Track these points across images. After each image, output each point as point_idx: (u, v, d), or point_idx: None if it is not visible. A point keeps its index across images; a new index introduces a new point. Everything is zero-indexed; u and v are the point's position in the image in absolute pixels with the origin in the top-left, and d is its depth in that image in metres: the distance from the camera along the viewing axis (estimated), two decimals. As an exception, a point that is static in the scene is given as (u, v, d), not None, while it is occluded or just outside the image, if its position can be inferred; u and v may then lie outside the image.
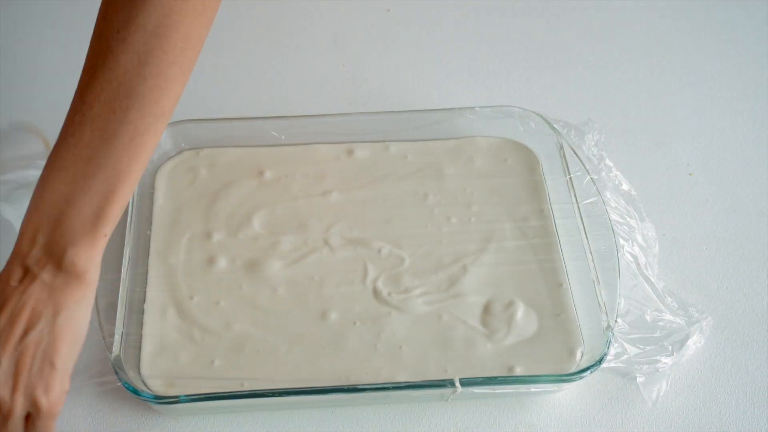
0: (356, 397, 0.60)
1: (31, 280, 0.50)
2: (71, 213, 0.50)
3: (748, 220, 0.74)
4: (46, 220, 0.50)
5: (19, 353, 0.50)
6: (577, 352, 0.63)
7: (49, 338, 0.50)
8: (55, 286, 0.51)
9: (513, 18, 0.93)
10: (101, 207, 0.51)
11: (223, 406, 0.60)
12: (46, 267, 0.50)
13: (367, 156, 0.75)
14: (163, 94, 0.51)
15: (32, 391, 0.50)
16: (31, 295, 0.50)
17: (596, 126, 0.74)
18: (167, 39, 0.50)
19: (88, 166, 0.50)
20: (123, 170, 0.51)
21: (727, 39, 0.91)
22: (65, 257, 0.50)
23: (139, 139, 0.51)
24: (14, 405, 0.50)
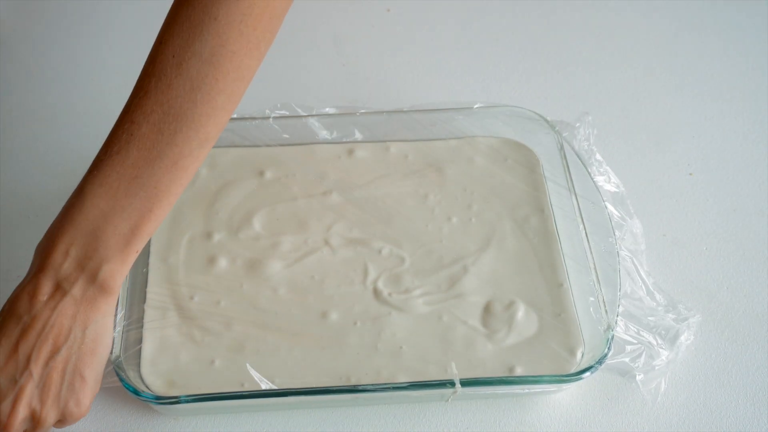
0: (356, 397, 0.60)
1: (61, 295, 0.51)
2: (108, 229, 0.51)
3: (748, 220, 0.74)
4: (82, 234, 0.51)
5: (50, 369, 0.51)
6: (577, 352, 0.63)
7: (78, 353, 0.52)
8: (85, 300, 0.52)
9: (513, 18, 0.93)
10: (138, 225, 0.52)
11: (223, 406, 0.60)
12: (77, 282, 0.52)
13: (367, 156, 0.75)
14: (210, 121, 0.52)
15: (65, 404, 0.53)
16: (61, 312, 0.51)
17: (588, 120, 0.74)
18: (220, 68, 0.52)
19: (130, 184, 0.51)
20: (163, 190, 0.52)
21: (727, 39, 0.91)
22: (100, 273, 0.52)
23: (182, 162, 0.52)
24: (46, 417, 0.52)
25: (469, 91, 0.85)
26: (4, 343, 0.51)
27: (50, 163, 0.76)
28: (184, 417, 0.62)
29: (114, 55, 0.88)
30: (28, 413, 0.52)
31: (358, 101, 0.81)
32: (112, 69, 0.86)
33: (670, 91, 0.85)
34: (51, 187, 0.74)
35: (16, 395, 0.51)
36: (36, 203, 0.73)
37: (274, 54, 0.69)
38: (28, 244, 0.70)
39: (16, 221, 0.72)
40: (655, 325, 0.63)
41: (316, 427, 0.61)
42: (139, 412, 0.62)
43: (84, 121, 0.80)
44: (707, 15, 0.93)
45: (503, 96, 0.84)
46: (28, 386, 0.51)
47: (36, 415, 0.52)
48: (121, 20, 0.91)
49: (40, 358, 0.51)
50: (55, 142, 0.76)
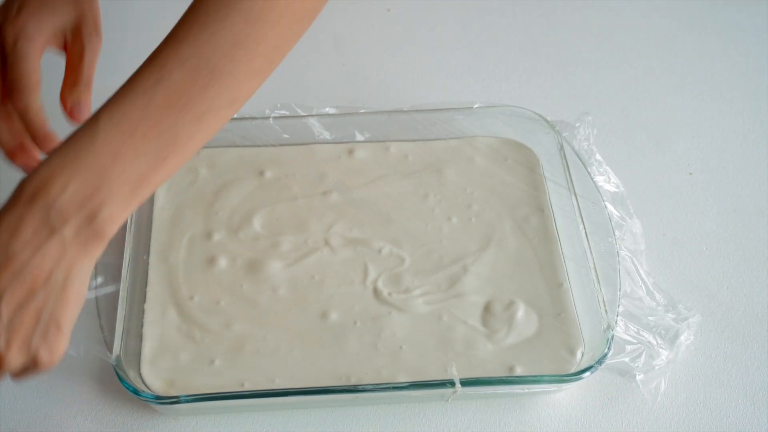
0: (356, 397, 0.60)
1: (48, 234, 0.46)
2: (117, 170, 0.47)
3: (748, 220, 0.74)
4: (87, 170, 0.46)
5: (22, 312, 0.46)
6: (577, 352, 0.63)
7: (57, 300, 0.47)
8: (75, 242, 0.47)
9: (513, 18, 0.93)
10: (148, 173, 0.48)
11: (223, 406, 0.60)
12: (70, 221, 0.46)
13: (367, 156, 0.75)
14: (244, 83, 0.51)
15: (36, 351, 0.47)
16: (45, 253, 0.46)
17: (588, 119, 0.74)
18: (263, 31, 0.50)
19: (150, 129, 0.48)
20: (181, 143, 0.49)
21: (727, 39, 0.91)
22: (99, 215, 0.47)
23: (207, 118, 0.50)
24: (9, 362, 0.47)
25: (469, 91, 0.85)
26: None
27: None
28: (184, 417, 0.62)
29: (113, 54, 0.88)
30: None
31: (358, 101, 0.81)
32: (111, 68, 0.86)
33: (670, 91, 0.85)
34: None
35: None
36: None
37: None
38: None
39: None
40: (655, 324, 0.63)
41: (316, 427, 0.61)
42: (139, 412, 0.62)
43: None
44: (707, 15, 0.93)
45: (503, 96, 0.84)
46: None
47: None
48: (120, 20, 0.91)
49: (13, 299, 0.46)
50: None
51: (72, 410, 0.62)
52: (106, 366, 0.62)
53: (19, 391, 0.62)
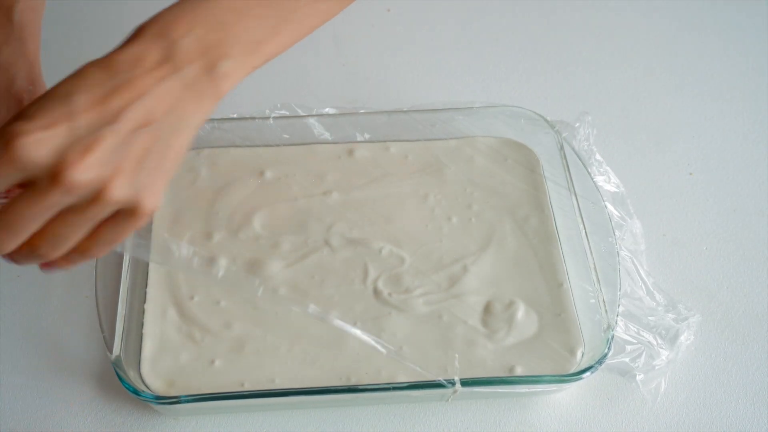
0: (356, 397, 0.60)
1: (171, 70, 0.43)
2: (240, 27, 0.46)
3: (748, 220, 0.74)
4: (212, 19, 0.45)
5: (137, 137, 0.42)
6: (577, 352, 0.63)
7: (168, 139, 0.43)
8: (194, 88, 0.44)
9: (513, 18, 0.93)
10: (264, 39, 0.48)
11: (223, 406, 0.60)
12: (193, 64, 0.44)
13: (367, 156, 0.75)
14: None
15: (140, 187, 0.43)
16: (166, 86, 0.43)
17: (588, 119, 0.74)
18: None
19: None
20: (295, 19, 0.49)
21: (727, 39, 0.91)
22: (219, 65, 0.45)
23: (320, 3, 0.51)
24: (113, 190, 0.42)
25: (469, 91, 0.85)
26: (92, 88, 0.42)
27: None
28: (184, 417, 0.62)
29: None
30: (98, 175, 0.41)
31: (358, 101, 0.81)
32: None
33: (670, 91, 0.85)
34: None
35: (90, 143, 0.40)
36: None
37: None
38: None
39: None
40: (655, 324, 0.63)
41: (316, 427, 0.61)
42: (139, 412, 0.62)
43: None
44: (707, 15, 0.93)
45: (503, 96, 0.84)
46: (107, 141, 0.41)
47: (103, 183, 0.41)
48: (119, 21, 0.91)
49: (130, 119, 0.41)
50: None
51: (72, 410, 0.62)
52: (106, 366, 0.62)
53: (19, 391, 0.62)
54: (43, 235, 0.43)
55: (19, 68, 0.51)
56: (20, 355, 0.64)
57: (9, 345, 0.65)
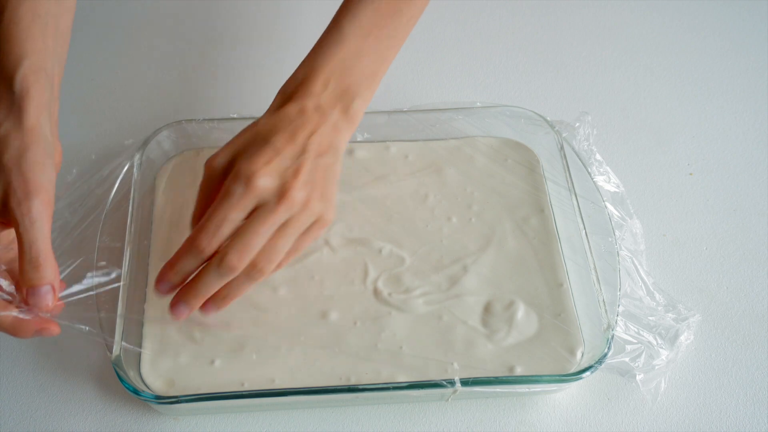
0: (356, 397, 0.60)
1: (323, 117, 0.57)
2: (359, 67, 0.59)
3: (748, 220, 0.74)
4: (340, 68, 0.58)
5: (318, 164, 0.56)
6: (577, 352, 0.63)
7: (333, 167, 0.57)
8: (338, 127, 0.57)
9: (513, 18, 0.93)
10: (378, 67, 0.60)
11: (223, 406, 0.60)
12: (334, 110, 0.58)
13: (367, 156, 0.75)
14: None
15: (325, 203, 0.56)
16: (324, 130, 0.57)
17: (588, 119, 0.74)
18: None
19: (379, 31, 0.59)
20: (396, 43, 0.61)
21: (727, 39, 0.91)
22: (353, 105, 0.58)
23: (411, 22, 0.62)
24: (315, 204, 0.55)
25: (469, 91, 0.85)
26: (282, 132, 0.56)
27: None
28: (184, 417, 0.62)
29: (112, 55, 0.88)
30: (305, 194, 0.55)
31: (358, 101, 0.81)
32: (110, 69, 0.86)
33: (670, 91, 0.85)
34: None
35: (298, 167, 0.55)
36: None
37: (274, 54, 0.69)
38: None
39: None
40: (655, 324, 0.63)
41: (316, 426, 0.61)
42: (139, 412, 0.62)
43: (83, 120, 0.80)
44: (707, 15, 0.93)
45: (503, 96, 0.84)
46: (306, 165, 0.55)
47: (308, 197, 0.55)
48: (119, 20, 0.91)
49: (312, 149, 0.55)
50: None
51: (72, 410, 0.62)
52: (106, 366, 0.62)
53: (19, 391, 0.62)
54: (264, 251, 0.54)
55: (12, 141, 0.53)
56: (20, 355, 0.64)
57: (9, 345, 0.65)
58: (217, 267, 0.54)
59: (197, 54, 0.88)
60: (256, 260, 0.54)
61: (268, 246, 0.54)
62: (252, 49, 0.88)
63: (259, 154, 0.54)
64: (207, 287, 0.55)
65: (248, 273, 0.55)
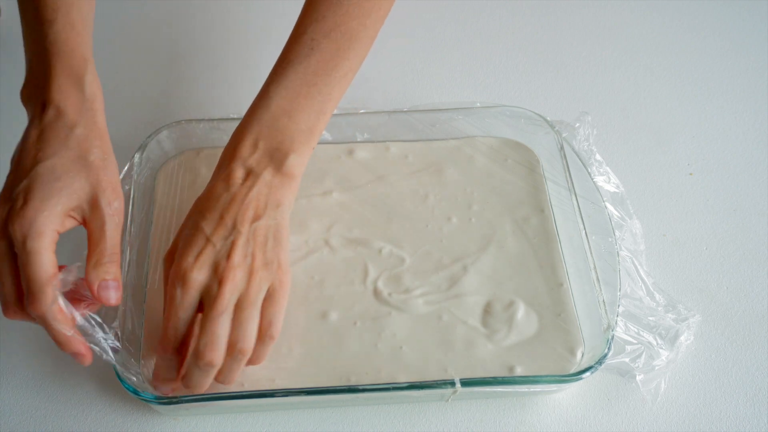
0: (356, 397, 0.60)
1: (254, 179, 0.57)
2: (292, 125, 0.59)
3: (748, 220, 0.74)
4: (269, 129, 0.58)
5: (255, 229, 0.56)
6: (577, 352, 0.63)
7: (275, 225, 0.57)
8: (274, 185, 0.58)
9: (513, 18, 0.93)
10: (314, 124, 0.60)
11: (223, 406, 0.60)
12: (267, 169, 0.58)
13: (367, 156, 0.75)
14: (369, 45, 0.62)
15: (271, 267, 0.56)
16: (257, 190, 0.57)
17: (588, 119, 0.74)
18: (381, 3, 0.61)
19: (310, 89, 0.59)
20: (333, 97, 0.60)
21: (727, 39, 0.91)
22: (287, 161, 0.58)
23: (350, 75, 0.61)
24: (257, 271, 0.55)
25: (469, 91, 0.85)
26: (210, 215, 0.57)
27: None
28: (184, 417, 0.62)
29: (112, 55, 0.88)
30: (245, 270, 0.55)
31: (358, 101, 0.81)
32: (110, 69, 0.86)
33: (670, 91, 0.85)
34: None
35: (230, 248, 0.55)
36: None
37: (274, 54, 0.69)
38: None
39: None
40: (655, 325, 0.63)
41: (316, 426, 0.61)
42: (139, 412, 0.62)
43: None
44: (707, 15, 0.93)
45: (503, 96, 0.84)
46: (240, 241, 0.55)
47: (250, 270, 0.55)
48: (119, 21, 0.91)
49: (245, 221, 0.56)
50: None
51: (72, 410, 0.62)
52: (106, 366, 0.62)
53: (19, 391, 0.62)
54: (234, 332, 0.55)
55: (94, 140, 0.57)
56: (20, 354, 0.64)
57: (9, 345, 0.65)
58: (198, 368, 0.55)
59: (197, 54, 0.88)
60: (231, 343, 0.55)
61: (234, 327, 0.55)
62: (252, 49, 0.88)
63: (190, 248, 0.55)
64: (201, 384, 0.56)
65: (232, 356, 0.55)
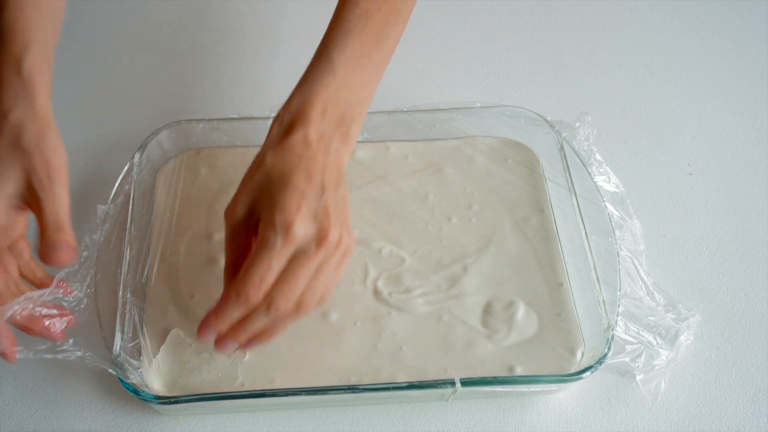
0: (356, 397, 0.60)
1: (328, 143, 0.58)
2: (351, 96, 0.60)
3: (748, 220, 0.74)
4: (335, 97, 0.60)
5: (339, 195, 0.57)
6: (577, 352, 0.63)
7: (345, 195, 0.58)
8: (339, 152, 0.59)
9: (513, 18, 0.93)
10: (366, 95, 0.62)
11: (223, 406, 0.60)
12: (334, 137, 0.59)
13: (367, 156, 0.75)
14: (405, 24, 0.65)
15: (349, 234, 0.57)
16: (330, 157, 0.58)
17: (588, 119, 0.74)
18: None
19: (365, 60, 0.62)
20: (382, 69, 0.64)
21: (727, 39, 0.91)
22: (351, 130, 0.60)
23: (394, 46, 0.64)
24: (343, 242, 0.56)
25: (469, 91, 0.85)
26: (298, 171, 0.56)
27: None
28: (184, 417, 0.62)
29: (112, 55, 0.88)
30: (338, 234, 0.55)
31: (358, 101, 0.81)
32: (110, 69, 0.86)
33: (670, 91, 0.85)
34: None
35: (325, 206, 0.55)
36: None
37: (273, 54, 0.69)
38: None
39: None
40: (655, 325, 0.63)
41: (316, 426, 0.61)
42: (139, 411, 0.62)
43: (83, 120, 0.80)
44: (707, 15, 0.93)
45: (503, 96, 0.84)
46: (330, 202, 0.56)
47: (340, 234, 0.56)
48: (119, 21, 0.91)
49: (331, 183, 0.57)
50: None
51: (72, 410, 0.62)
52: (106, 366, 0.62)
53: (19, 391, 0.62)
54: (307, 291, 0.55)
55: (28, 123, 0.56)
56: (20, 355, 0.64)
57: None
58: (266, 311, 0.55)
59: (197, 54, 0.88)
60: (300, 300, 0.55)
61: (310, 286, 0.55)
62: (252, 49, 0.88)
63: (286, 201, 0.55)
64: (255, 328, 0.56)
65: (293, 313, 0.56)
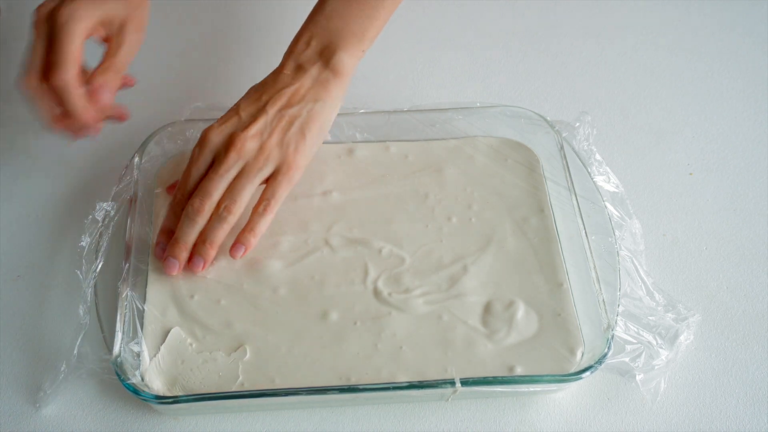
0: (356, 397, 0.60)
1: (302, 73, 0.66)
2: (343, 27, 0.66)
3: (748, 220, 0.74)
4: (322, 30, 0.66)
5: (281, 114, 0.64)
6: (577, 352, 0.63)
7: (307, 116, 0.65)
8: (320, 80, 0.65)
9: (513, 18, 0.93)
10: (366, 28, 0.67)
11: (223, 406, 0.60)
12: (315, 65, 0.66)
13: (367, 156, 0.75)
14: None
15: (286, 148, 0.64)
16: (301, 84, 0.65)
17: (588, 119, 0.74)
18: None
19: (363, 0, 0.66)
20: (384, 5, 0.67)
21: (727, 39, 0.91)
22: (334, 57, 0.65)
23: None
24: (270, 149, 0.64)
25: (469, 91, 0.85)
26: (250, 96, 0.66)
27: (48, 164, 0.77)
28: (184, 417, 0.62)
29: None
30: (257, 142, 0.63)
31: (358, 101, 0.81)
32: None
33: (670, 91, 0.85)
34: (49, 188, 0.75)
35: (250, 121, 0.64)
36: (35, 203, 0.73)
37: (274, 54, 0.69)
38: (28, 244, 0.71)
39: (16, 221, 0.72)
40: (654, 324, 0.64)
41: (316, 426, 0.61)
42: (139, 411, 0.62)
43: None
44: (707, 15, 0.93)
45: (503, 96, 0.84)
46: (261, 119, 0.64)
47: (263, 144, 0.63)
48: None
49: (275, 104, 0.64)
50: (53, 143, 0.76)
51: (72, 410, 0.62)
52: (106, 366, 0.62)
53: (19, 392, 0.62)
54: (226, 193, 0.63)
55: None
56: (20, 355, 0.64)
57: (9, 345, 0.65)
58: (186, 215, 0.63)
59: (197, 54, 0.88)
60: (220, 201, 0.63)
61: (229, 188, 0.63)
62: (252, 49, 0.88)
63: (221, 119, 0.65)
64: (184, 236, 0.64)
65: (217, 213, 0.63)
